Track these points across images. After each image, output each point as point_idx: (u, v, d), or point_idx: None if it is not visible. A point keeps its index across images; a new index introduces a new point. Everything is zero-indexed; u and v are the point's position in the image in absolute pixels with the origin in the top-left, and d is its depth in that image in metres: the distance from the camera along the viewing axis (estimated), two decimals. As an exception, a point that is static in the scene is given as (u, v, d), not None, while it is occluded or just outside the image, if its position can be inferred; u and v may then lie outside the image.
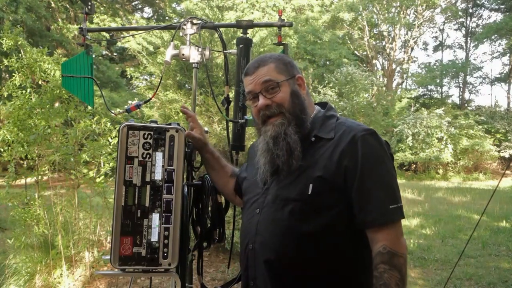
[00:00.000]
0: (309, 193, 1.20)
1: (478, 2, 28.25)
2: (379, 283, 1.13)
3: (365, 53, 26.57)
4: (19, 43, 4.19)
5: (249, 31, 1.88)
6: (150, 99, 2.18)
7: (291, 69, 1.34)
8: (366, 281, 1.18)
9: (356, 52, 26.08)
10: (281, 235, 1.23)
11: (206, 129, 1.76)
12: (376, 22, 26.29)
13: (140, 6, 24.45)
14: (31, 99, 3.88)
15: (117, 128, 2.55)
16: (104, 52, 20.05)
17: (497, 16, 29.71)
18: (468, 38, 29.17)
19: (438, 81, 27.26)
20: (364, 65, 25.38)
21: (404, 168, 18.52)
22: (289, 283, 1.23)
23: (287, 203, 1.24)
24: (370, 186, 1.18)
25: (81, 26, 1.91)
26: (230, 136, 1.89)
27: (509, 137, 19.30)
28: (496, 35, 25.96)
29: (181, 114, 5.30)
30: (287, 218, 1.23)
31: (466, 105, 26.98)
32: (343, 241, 1.22)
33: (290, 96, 1.29)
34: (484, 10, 29.29)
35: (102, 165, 4.38)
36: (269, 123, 1.29)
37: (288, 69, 1.33)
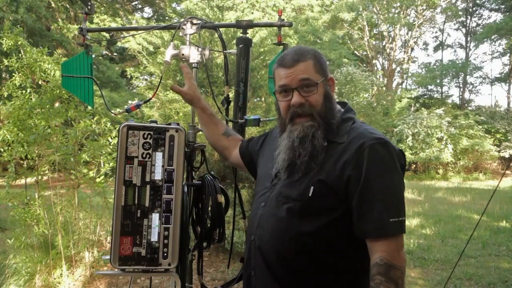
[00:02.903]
0: (310, 195, 1.20)
1: (478, 2, 28.21)
2: None
3: (365, 53, 26.56)
4: (19, 43, 4.18)
5: (249, 31, 1.88)
6: (150, 99, 2.19)
7: (326, 69, 1.32)
8: (366, 284, 1.16)
9: (356, 52, 26.07)
10: (278, 231, 1.25)
11: None
12: (376, 22, 26.26)
13: (140, 6, 24.43)
14: (31, 99, 3.88)
15: (117, 128, 2.55)
16: (104, 52, 20.03)
17: (497, 16, 29.74)
18: (468, 38, 29.15)
19: (438, 81, 27.22)
20: (364, 65, 25.38)
21: (404, 168, 18.47)
22: (284, 278, 1.24)
23: (287, 201, 1.25)
24: (371, 197, 1.16)
25: (81, 26, 1.91)
26: (230, 136, 1.89)
27: (509, 137, 19.28)
28: (496, 35, 25.93)
29: (181, 114, 5.30)
30: (285, 215, 1.24)
31: (466, 105, 26.94)
32: (342, 243, 1.21)
33: (324, 98, 1.28)
34: (484, 10, 29.27)
35: (102, 165, 4.38)
36: (297, 122, 1.27)
37: (324, 69, 1.31)
